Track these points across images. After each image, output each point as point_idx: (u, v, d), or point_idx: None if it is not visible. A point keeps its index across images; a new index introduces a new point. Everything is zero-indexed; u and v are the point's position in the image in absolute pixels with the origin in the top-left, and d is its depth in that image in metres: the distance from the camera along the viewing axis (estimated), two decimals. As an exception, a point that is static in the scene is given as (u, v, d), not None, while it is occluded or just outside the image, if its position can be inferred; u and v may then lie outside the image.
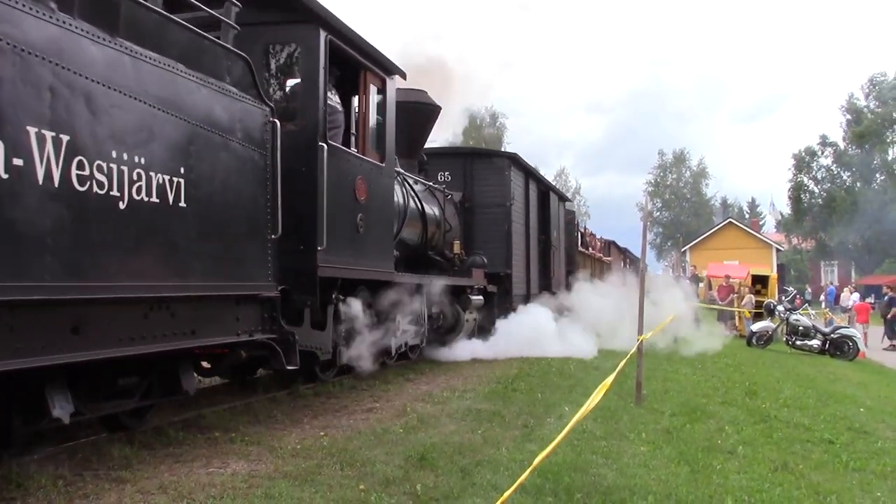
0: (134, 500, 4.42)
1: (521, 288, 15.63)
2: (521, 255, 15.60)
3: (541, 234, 17.69)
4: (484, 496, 4.72)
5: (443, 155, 14.86)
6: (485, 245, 14.22)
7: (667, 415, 8.02)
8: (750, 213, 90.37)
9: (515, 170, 15.46)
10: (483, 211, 14.53)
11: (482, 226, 14.47)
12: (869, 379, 15.02)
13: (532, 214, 16.69)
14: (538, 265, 17.37)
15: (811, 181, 62.45)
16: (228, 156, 5.78)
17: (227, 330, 5.92)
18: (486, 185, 14.62)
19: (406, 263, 10.75)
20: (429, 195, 12.19)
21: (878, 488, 6.06)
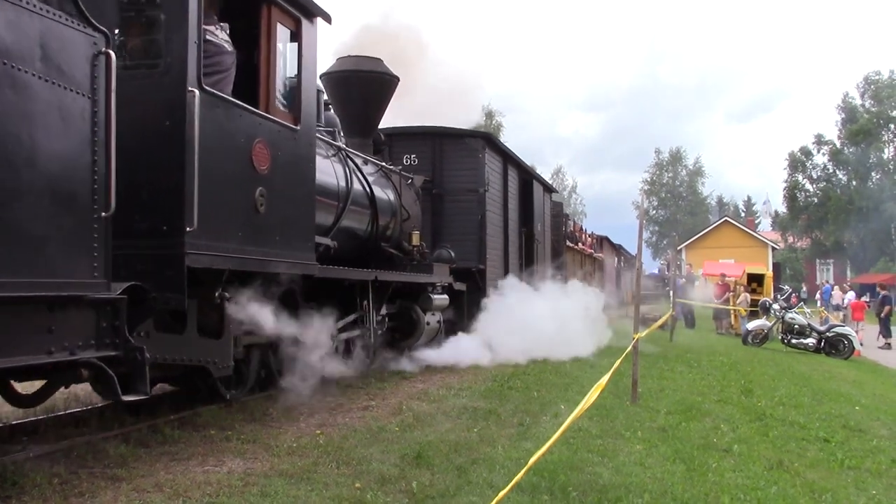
0: (130, 499, 4.41)
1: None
2: (498, 249, 14.17)
3: (522, 227, 16.26)
4: (480, 494, 4.72)
5: (408, 135, 13.30)
6: (455, 237, 12.78)
7: (662, 413, 8.03)
8: (746, 211, 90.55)
9: (491, 152, 13.80)
10: (454, 198, 13.02)
11: (453, 215, 13.02)
12: (864, 377, 15.06)
13: (511, 204, 15.18)
14: (518, 260, 15.78)
15: (806, 180, 62.59)
16: (20, 97, 4.09)
17: (34, 347, 4.26)
18: (458, 170, 13.08)
19: (353, 257, 9.36)
20: (382, 178, 10.75)
21: (873, 486, 6.08)
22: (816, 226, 61.18)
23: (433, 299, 11.01)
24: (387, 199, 10.57)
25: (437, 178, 13.04)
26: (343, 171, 9.23)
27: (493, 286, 13.34)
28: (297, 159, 7.25)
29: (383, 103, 11.52)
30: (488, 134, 13.96)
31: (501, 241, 14.42)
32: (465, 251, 12.70)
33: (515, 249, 15.51)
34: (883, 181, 59.19)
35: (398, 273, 10.22)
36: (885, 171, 60.20)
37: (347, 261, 9.08)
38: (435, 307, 11.13)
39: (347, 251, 9.19)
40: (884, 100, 59.77)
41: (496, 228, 13.98)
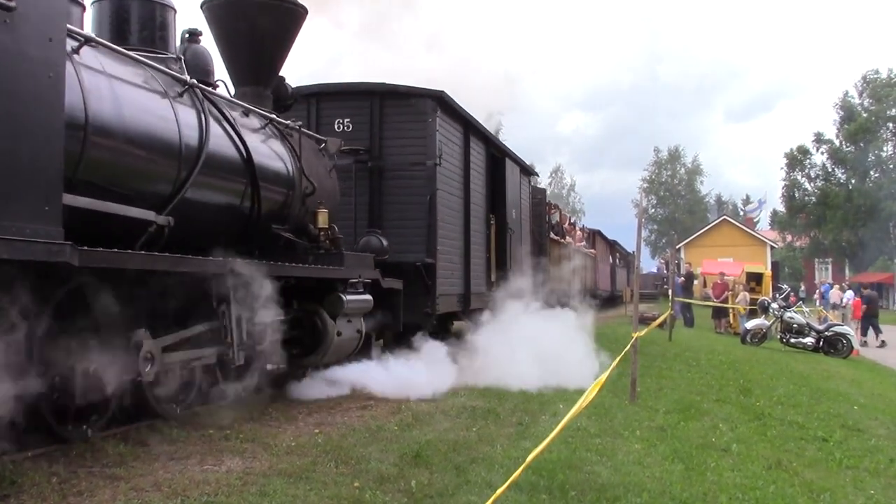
0: (128, 498, 4.41)
1: (454, 285, 11.44)
2: (455, 239, 11.54)
3: (490, 213, 13.65)
4: (478, 493, 4.73)
5: (338, 94, 10.81)
6: (397, 222, 10.46)
7: (661, 412, 8.04)
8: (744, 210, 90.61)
9: (446, 118, 11.06)
10: (396, 174, 10.58)
11: (394, 195, 10.57)
12: (862, 376, 15.07)
13: (476, 185, 12.67)
14: (484, 254, 13.21)
15: (805, 179, 62.64)
16: None
17: None
18: (401, 138, 10.65)
19: (224, 242, 6.68)
20: (274, 137, 8.09)
21: (872, 486, 6.09)
22: (815, 225, 61.24)
23: (345, 301, 8.06)
24: (278, 166, 7.86)
25: (375, 147, 10.57)
26: (196, 116, 6.58)
27: (448, 286, 11.05)
28: (14, 60, 4.20)
29: (285, 41, 8.82)
30: (440, 93, 10.71)
31: (460, 229, 11.85)
32: (408, 240, 10.36)
33: (481, 240, 13.06)
34: (881, 180, 59.24)
35: (281, 266, 7.21)
36: (884, 169, 60.24)
37: (206, 248, 6.42)
38: (350, 311, 8.26)
39: (207, 234, 6.66)
40: (882, 99, 59.79)
41: (452, 213, 11.41)
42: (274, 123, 8.28)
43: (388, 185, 10.62)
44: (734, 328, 23.21)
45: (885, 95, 59.63)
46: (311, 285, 7.90)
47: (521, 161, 16.37)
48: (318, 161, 8.97)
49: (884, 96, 59.60)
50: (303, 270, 7.67)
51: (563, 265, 21.71)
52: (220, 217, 7.08)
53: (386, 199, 10.62)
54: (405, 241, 10.35)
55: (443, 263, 10.75)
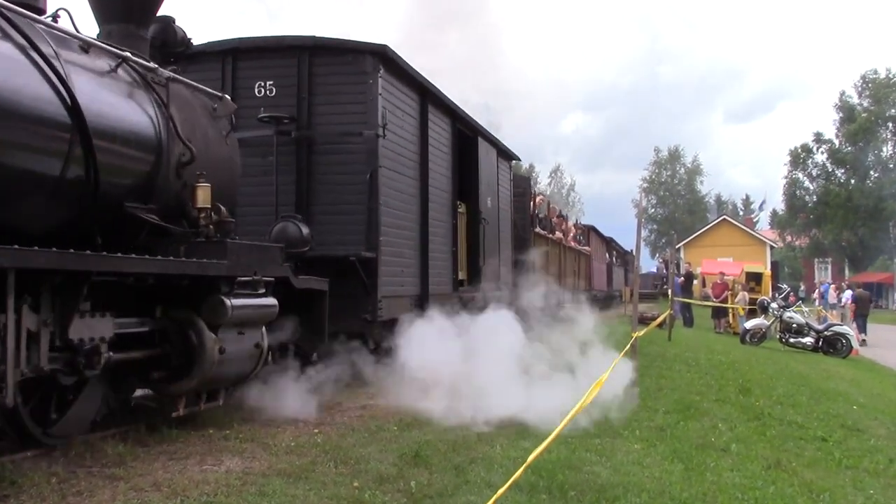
0: (128, 498, 4.40)
1: (405, 284, 9.64)
2: (407, 229, 9.73)
3: (457, 201, 11.75)
4: (478, 493, 4.73)
5: (259, 51, 9.03)
6: (328, 206, 8.78)
7: (660, 412, 8.04)
8: (744, 210, 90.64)
9: (393, 80, 9.22)
10: (328, 147, 8.84)
11: (326, 173, 8.85)
12: (862, 376, 15.08)
13: (438, 165, 10.86)
14: (449, 249, 11.36)
15: (806, 178, 62.70)
16: None
17: None
18: (336, 103, 8.86)
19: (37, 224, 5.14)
20: (128, 83, 5.96)
21: (871, 486, 6.10)
22: (815, 224, 61.29)
23: (229, 307, 5.95)
24: (131, 121, 5.81)
25: (303, 115, 8.85)
26: None
27: (396, 286, 9.29)
28: None
29: None
30: (383, 47, 8.85)
31: (415, 217, 10.05)
32: (343, 229, 8.68)
33: (445, 232, 11.24)
34: (881, 180, 59.29)
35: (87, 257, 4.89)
36: (884, 169, 60.29)
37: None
38: (241, 320, 6.17)
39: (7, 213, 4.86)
40: (881, 99, 59.84)
41: (403, 198, 9.56)
42: (130, 64, 6.00)
43: (319, 161, 8.85)
44: (733, 328, 23.20)
45: (884, 96, 59.68)
46: (184, 286, 5.84)
47: (498, 143, 14.44)
48: (204, 121, 6.84)
49: (883, 96, 59.65)
50: (138, 264, 5.24)
51: (552, 263, 19.78)
52: (23, 189, 4.93)
53: (316, 179, 8.83)
54: (339, 231, 8.64)
55: (388, 258, 8.92)
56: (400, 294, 9.46)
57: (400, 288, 9.48)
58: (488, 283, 12.62)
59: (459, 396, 7.35)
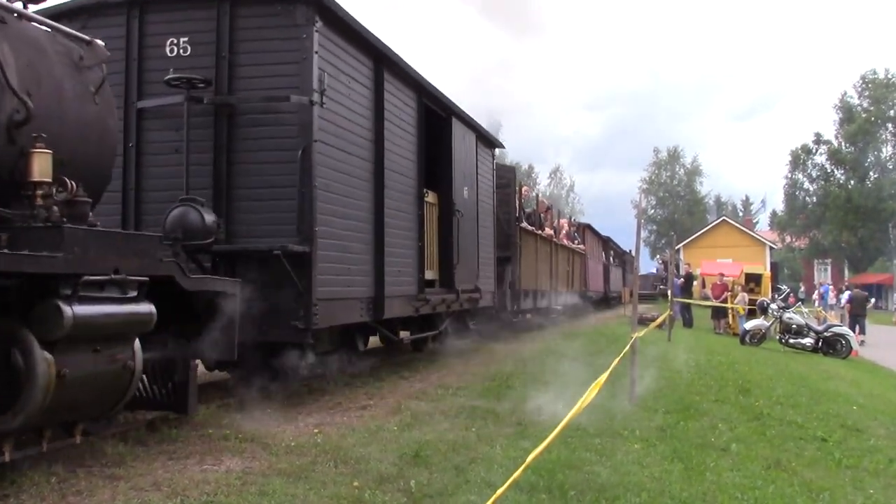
0: (128, 497, 4.41)
1: (353, 284, 8.19)
2: (356, 219, 8.28)
3: (424, 189, 10.34)
4: (478, 493, 4.73)
5: (175, 1, 7.66)
6: (250, 191, 7.40)
7: (660, 412, 8.03)
8: (744, 211, 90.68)
9: (334, 36, 7.80)
10: (252, 118, 7.43)
11: (249, 149, 7.42)
12: (862, 377, 15.07)
13: (397, 145, 9.43)
14: (414, 244, 9.97)
15: (806, 179, 62.75)
16: None
17: None
18: (261, 63, 7.43)
19: None
20: None
21: (871, 485, 6.09)
22: (814, 225, 61.34)
23: (68, 315, 4.47)
24: None
25: (222, 78, 7.39)
26: None
27: (340, 286, 7.80)
28: None
29: None
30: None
31: (367, 205, 8.59)
32: (268, 217, 7.32)
33: (409, 224, 9.85)
34: (881, 180, 59.34)
35: None
36: (884, 170, 60.34)
37: None
38: (92, 333, 4.76)
39: None
40: (881, 99, 59.89)
41: (349, 181, 8.10)
42: None
43: (241, 134, 7.42)
44: (733, 329, 23.19)
45: (883, 96, 59.74)
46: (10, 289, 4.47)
47: (478, 127, 12.97)
48: (59, 71, 5.35)
49: (882, 97, 59.71)
50: None
51: (541, 261, 18.48)
52: None
53: (238, 157, 7.42)
54: (265, 220, 7.31)
55: (327, 253, 7.50)
56: (344, 296, 7.92)
57: (345, 289, 7.94)
58: (465, 283, 11.52)
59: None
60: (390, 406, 7.61)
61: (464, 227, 11.76)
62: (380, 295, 8.79)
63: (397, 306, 9.31)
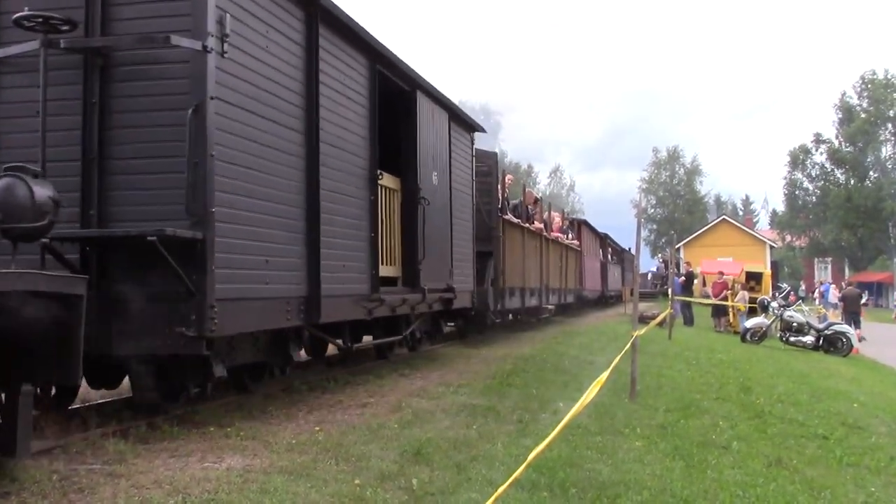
0: (129, 495, 4.40)
1: (277, 282, 6.69)
2: (277, 200, 6.71)
3: (377, 170, 8.75)
4: (479, 491, 4.72)
5: None
6: (128, 159, 5.89)
7: (661, 410, 8.04)
8: (744, 210, 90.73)
9: None
10: (129, 69, 5.92)
11: (126, 108, 5.90)
12: (862, 375, 15.08)
13: (342, 117, 7.91)
14: (365, 234, 8.48)
15: (805, 178, 62.81)
16: None
17: None
18: (141, 2, 5.92)
19: None
20: None
21: (872, 483, 6.10)
22: (814, 224, 61.41)
23: None
24: None
25: (92, 17, 5.89)
26: None
27: (252, 282, 6.31)
28: None
29: None
30: None
31: (296, 184, 7.05)
32: (150, 196, 5.83)
33: (359, 211, 8.33)
34: (881, 180, 59.39)
35: None
36: (883, 170, 60.39)
37: None
38: None
39: None
40: (880, 99, 59.92)
41: (266, 152, 6.53)
42: None
43: (117, 90, 5.90)
44: (734, 327, 23.21)
45: (883, 96, 59.78)
46: None
47: (452, 105, 11.54)
48: None
49: (882, 97, 59.74)
50: None
51: (529, 257, 17.05)
52: None
53: (112, 119, 5.90)
54: (145, 197, 5.83)
55: (232, 240, 5.95)
56: (259, 296, 6.39)
57: (261, 287, 6.42)
58: (433, 281, 10.22)
59: None
60: (391, 404, 7.60)
61: (432, 218, 10.29)
62: (315, 294, 7.26)
63: (342, 308, 7.89)
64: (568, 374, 10.37)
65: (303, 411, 7.15)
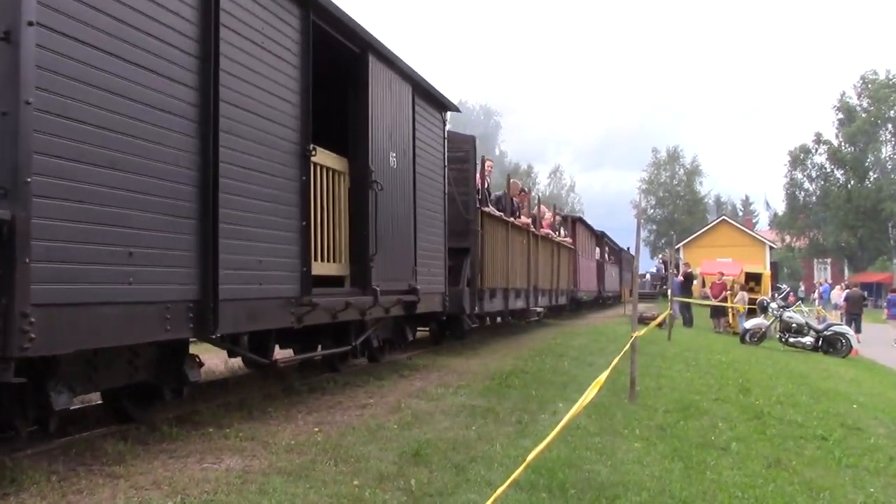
0: (128, 496, 4.40)
1: (150, 281, 5.07)
2: (152, 173, 5.12)
3: (308, 145, 7.13)
4: (478, 492, 4.72)
5: None
6: None
7: (660, 411, 8.04)
8: (743, 211, 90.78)
9: None
10: None
11: None
12: (861, 376, 15.09)
13: (256, 72, 6.35)
14: (295, 224, 6.93)
15: (805, 178, 62.89)
16: None
17: None
18: None
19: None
20: None
21: (871, 484, 6.10)
22: (814, 225, 61.48)
23: None
24: None
25: None
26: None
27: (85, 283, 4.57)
28: None
29: None
30: None
31: (187, 154, 5.52)
32: None
33: (281, 195, 6.72)
34: (880, 180, 59.45)
35: None
36: (883, 170, 60.45)
37: None
38: None
39: None
40: (881, 100, 59.96)
41: (128, 107, 4.93)
42: None
43: None
44: (733, 328, 23.22)
45: (883, 97, 59.84)
46: None
47: (417, 77, 9.91)
48: None
49: (882, 98, 59.80)
50: None
51: (515, 255, 15.55)
52: None
53: None
54: None
55: (63, 223, 4.45)
56: (116, 299, 4.82)
57: (118, 287, 4.82)
58: (389, 281, 8.87)
59: None
60: (390, 405, 7.60)
61: (389, 206, 8.89)
62: (208, 297, 5.68)
63: (257, 314, 6.41)
64: (567, 374, 10.35)
65: (302, 412, 7.14)
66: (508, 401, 8.07)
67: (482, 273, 13.10)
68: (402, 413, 7.15)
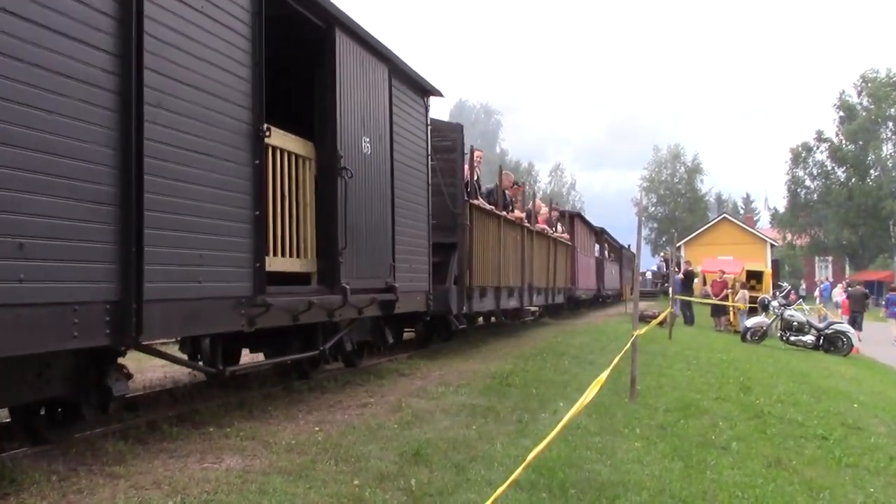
0: (128, 496, 4.40)
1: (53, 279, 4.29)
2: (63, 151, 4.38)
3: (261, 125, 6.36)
4: (478, 491, 4.72)
5: None
6: None
7: (661, 411, 8.03)
8: (744, 209, 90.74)
9: None
10: None
11: None
12: (862, 374, 15.08)
13: (193, 39, 5.57)
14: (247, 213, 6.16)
15: (807, 176, 62.89)
16: None
17: None
18: None
19: None
20: None
21: (872, 484, 6.09)
22: (815, 223, 61.49)
23: None
24: None
25: None
26: None
27: None
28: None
29: None
30: None
31: (103, 130, 4.73)
32: None
33: (228, 180, 5.96)
34: (881, 178, 59.43)
35: None
36: (884, 168, 60.43)
37: None
38: None
39: None
40: (881, 98, 59.94)
41: (33, 74, 4.21)
42: None
43: None
44: (734, 326, 23.21)
45: (883, 95, 59.81)
46: None
47: (393, 57, 9.16)
48: None
49: (882, 96, 59.78)
50: None
51: (508, 251, 14.69)
52: None
53: None
54: None
55: None
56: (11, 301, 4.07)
57: (5, 287, 4.04)
58: (362, 279, 8.17)
59: None
60: (391, 404, 7.60)
61: (360, 196, 8.10)
62: (132, 298, 4.92)
63: (196, 317, 5.63)
64: (568, 373, 10.35)
65: (302, 411, 7.15)
66: (509, 400, 8.07)
67: (471, 270, 12.33)
68: (403, 412, 7.15)
